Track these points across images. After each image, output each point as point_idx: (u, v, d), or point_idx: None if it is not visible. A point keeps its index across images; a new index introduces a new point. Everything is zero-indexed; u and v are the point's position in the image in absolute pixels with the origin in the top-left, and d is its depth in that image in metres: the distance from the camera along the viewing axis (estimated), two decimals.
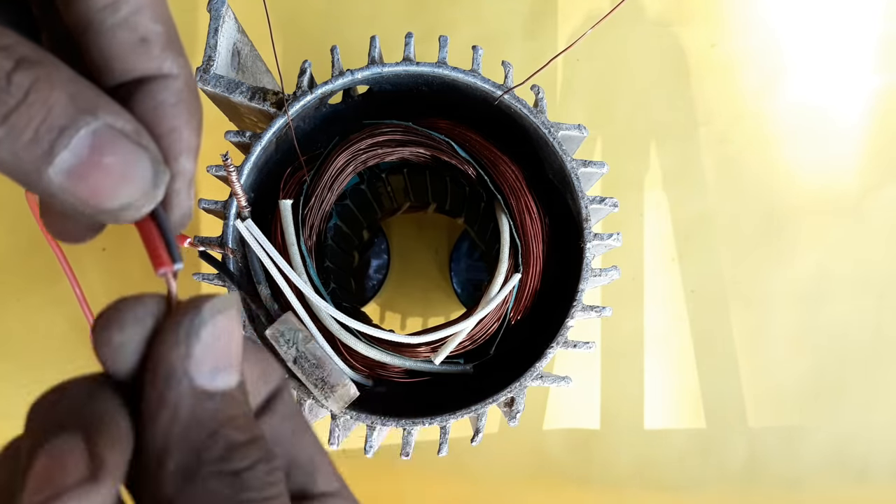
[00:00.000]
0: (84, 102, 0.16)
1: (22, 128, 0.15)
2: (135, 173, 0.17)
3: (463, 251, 0.55)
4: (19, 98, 0.15)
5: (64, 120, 0.16)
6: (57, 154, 0.16)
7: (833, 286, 0.57)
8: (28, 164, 0.16)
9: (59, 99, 0.16)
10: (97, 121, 0.16)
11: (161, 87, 0.18)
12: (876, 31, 0.59)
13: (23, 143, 0.15)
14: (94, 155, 0.16)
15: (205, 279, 0.36)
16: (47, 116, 0.15)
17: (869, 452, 0.56)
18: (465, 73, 0.36)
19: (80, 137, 0.16)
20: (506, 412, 0.36)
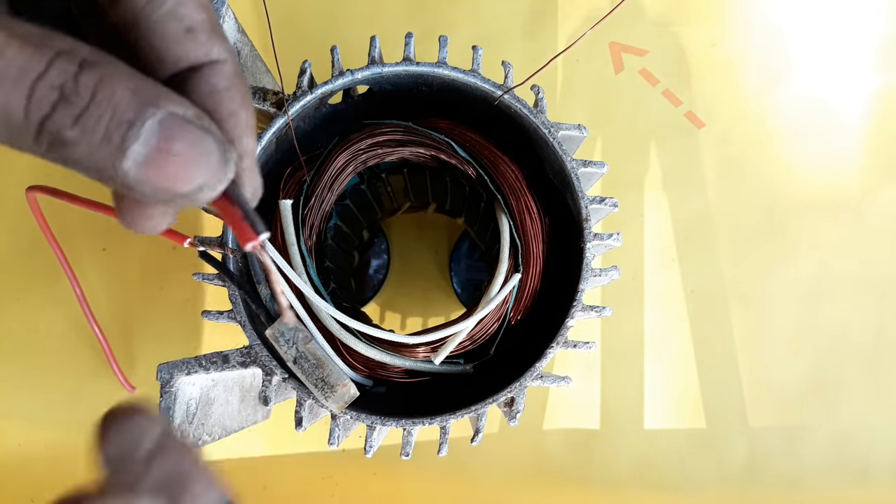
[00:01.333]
0: (146, 95, 0.17)
1: (93, 127, 0.16)
2: (204, 156, 0.17)
3: (463, 251, 0.55)
4: (87, 99, 0.16)
5: (131, 114, 0.16)
6: (129, 147, 0.16)
7: (833, 286, 0.57)
8: (103, 160, 0.17)
9: (123, 95, 0.16)
10: (161, 111, 0.17)
11: (213, 73, 0.19)
12: (877, 31, 0.59)
13: (95, 141, 0.16)
14: (164, 143, 0.17)
15: (205, 279, 0.36)
16: (115, 113, 0.16)
17: (869, 452, 0.56)
18: (465, 73, 0.36)
19: (147, 129, 0.16)
20: (506, 412, 0.36)
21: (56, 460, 0.54)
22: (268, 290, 0.36)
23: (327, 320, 0.35)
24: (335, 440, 0.35)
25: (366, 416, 0.34)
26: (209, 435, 0.38)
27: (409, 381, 0.37)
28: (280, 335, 0.33)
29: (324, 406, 0.34)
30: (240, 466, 0.54)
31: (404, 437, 0.35)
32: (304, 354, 0.33)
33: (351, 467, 0.54)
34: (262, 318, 0.34)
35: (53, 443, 0.55)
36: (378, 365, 0.36)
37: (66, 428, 0.55)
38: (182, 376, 0.34)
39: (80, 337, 0.55)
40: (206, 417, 0.38)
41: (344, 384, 0.33)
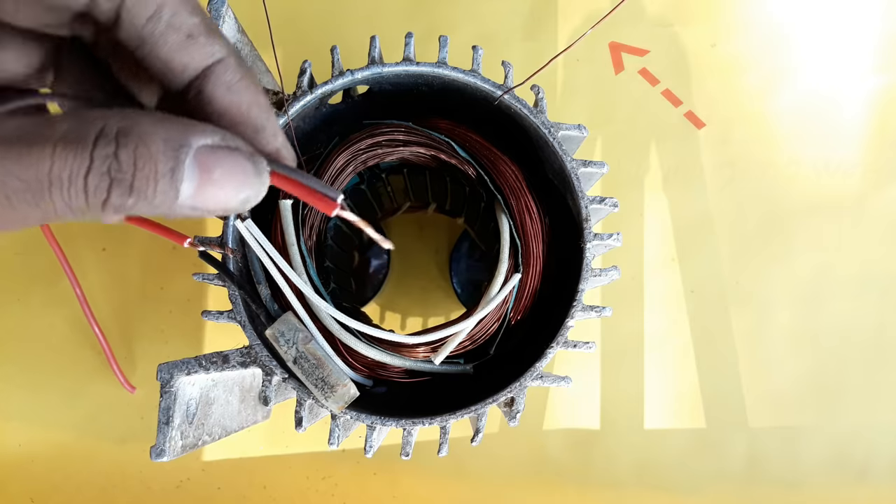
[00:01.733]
0: (177, 139, 0.19)
1: (145, 188, 0.18)
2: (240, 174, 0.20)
3: (463, 251, 0.55)
4: (133, 171, 0.18)
5: (171, 162, 0.18)
6: (179, 189, 0.19)
7: (833, 286, 0.57)
8: (162, 207, 0.19)
9: (158, 149, 0.18)
10: (193, 147, 0.19)
11: (222, 71, 0.21)
12: (876, 31, 0.59)
13: (151, 197, 0.19)
14: (205, 174, 0.19)
15: (205, 279, 0.36)
16: (157, 169, 0.18)
17: (869, 453, 0.56)
18: (465, 73, 0.36)
19: (188, 168, 0.19)
20: (506, 412, 0.36)
21: (56, 460, 0.54)
22: (267, 290, 0.36)
23: (327, 320, 0.35)
24: (335, 440, 0.35)
25: (366, 417, 0.34)
26: (209, 435, 0.38)
27: (409, 381, 0.37)
28: (280, 335, 0.33)
29: (324, 406, 0.34)
30: (240, 466, 0.54)
31: (404, 438, 0.35)
32: (304, 354, 0.33)
33: (351, 467, 0.54)
34: (262, 319, 0.34)
35: (54, 443, 0.55)
36: (378, 365, 0.36)
37: (67, 428, 0.55)
38: (182, 376, 0.34)
39: (81, 337, 0.55)
40: (206, 417, 0.38)
41: (344, 384, 0.33)
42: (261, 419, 0.47)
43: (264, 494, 0.54)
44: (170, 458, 0.33)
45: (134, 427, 0.54)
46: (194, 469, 0.54)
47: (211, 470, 0.54)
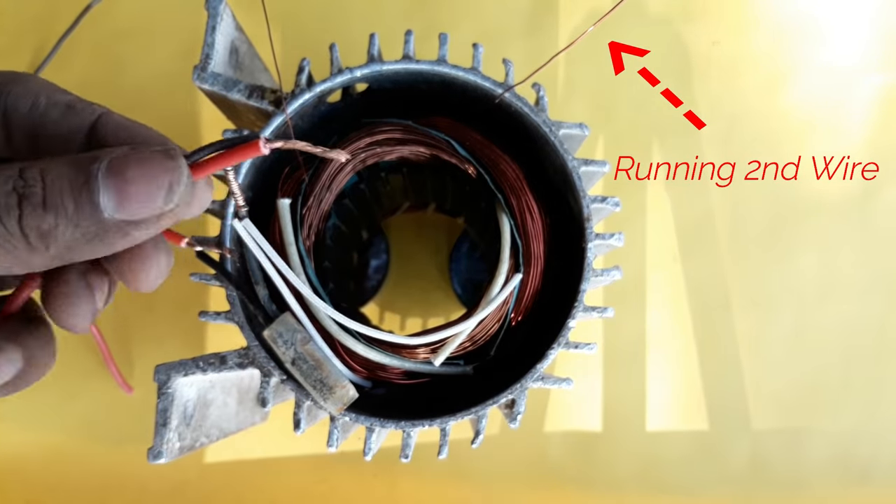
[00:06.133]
0: (84, 159, 0.19)
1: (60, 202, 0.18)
2: (155, 164, 0.20)
3: (463, 251, 0.55)
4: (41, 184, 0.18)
5: (82, 176, 0.19)
6: (98, 202, 0.19)
7: (837, 287, 0.56)
8: (91, 227, 0.19)
9: (67, 169, 0.19)
10: (103, 160, 0.19)
11: (108, 119, 0.22)
12: (880, 29, 0.59)
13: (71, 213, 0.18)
14: (120, 179, 0.19)
15: (202, 279, 0.36)
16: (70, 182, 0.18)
17: (872, 454, 0.55)
18: (465, 71, 0.36)
19: (101, 180, 0.19)
20: (506, 414, 0.36)
21: (53, 462, 0.54)
22: (265, 291, 0.36)
23: (326, 321, 0.35)
24: (334, 442, 0.34)
25: (365, 418, 0.34)
26: (207, 437, 0.38)
27: (408, 383, 0.37)
28: (278, 336, 0.33)
29: (322, 408, 0.33)
30: (238, 469, 0.54)
31: (404, 440, 0.35)
32: (302, 355, 0.33)
33: (350, 470, 0.54)
34: (259, 319, 0.34)
35: (50, 444, 0.54)
36: (377, 366, 0.36)
37: (64, 429, 0.54)
38: (179, 377, 0.34)
39: (78, 338, 0.54)
40: (203, 419, 0.37)
41: (343, 385, 0.33)
42: (259, 421, 0.46)
43: (262, 497, 0.54)
44: (167, 460, 0.33)
45: (131, 429, 0.54)
46: (192, 471, 0.54)
47: (209, 472, 0.54)
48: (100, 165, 0.19)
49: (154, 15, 0.58)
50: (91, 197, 0.18)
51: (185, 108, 0.56)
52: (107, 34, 0.57)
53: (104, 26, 0.57)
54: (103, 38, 0.57)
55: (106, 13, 0.57)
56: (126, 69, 0.57)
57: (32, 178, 0.18)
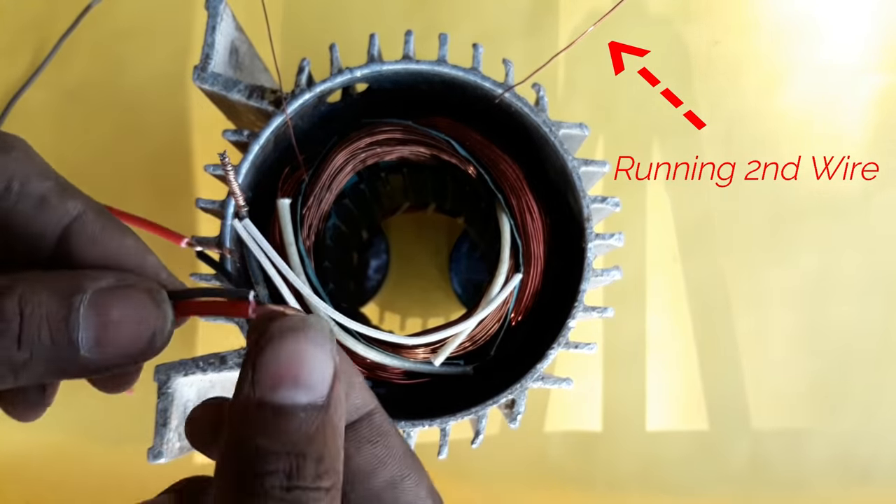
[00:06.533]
0: (68, 286, 0.18)
1: (36, 339, 0.17)
2: (141, 308, 0.19)
3: (463, 251, 0.55)
4: (17, 319, 0.17)
5: (64, 310, 0.17)
6: (77, 338, 0.17)
7: (837, 287, 0.56)
8: (64, 363, 0.18)
9: (48, 297, 0.17)
10: (87, 293, 0.18)
11: (80, 227, 0.20)
12: (880, 29, 0.59)
13: (46, 350, 0.17)
14: (103, 318, 0.18)
15: (202, 279, 0.36)
16: (48, 316, 0.17)
17: (873, 455, 0.55)
18: (465, 72, 0.36)
19: (83, 314, 0.18)
20: (506, 414, 0.36)
21: (52, 462, 0.54)
22: (265, 291, 0.36)
23: None
24: None
25: None
26: None
27: (408, 383, 0.37)
28: None
29: None
30: None
31: None
32: None
33: None
34: None
35: (50, 444, 0.54)
36: (377, 366, 0.36)
37: (63, 430, 0.54)
38: (179, 377, 0.34)
39: None
40: None
41: None
42: None
43: None
44: (167, 460, 0.33)
45: (131, 429, 0.54)
46: (192, 471, 0.54)
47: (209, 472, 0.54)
48: (83, 298, 0.18)
49: (154, 15, 0.58)
50: (69, 335, 0.17)
51: (185, 109, 0.56)
52: (107, 34, 0.57)
53: (104, 26, 0.57)
54: (103, 38, 0.57)
55: (106, 13, 0.57)
56: (126, 69, 0.57)
57: (11, 311, 0.17)
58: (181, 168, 0.56)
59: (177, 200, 0.55)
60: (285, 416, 0.16)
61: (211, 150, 0.33)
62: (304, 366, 0.17)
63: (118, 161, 0.56)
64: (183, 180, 0.56)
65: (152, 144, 0.56)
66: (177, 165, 0.56)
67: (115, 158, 0.56)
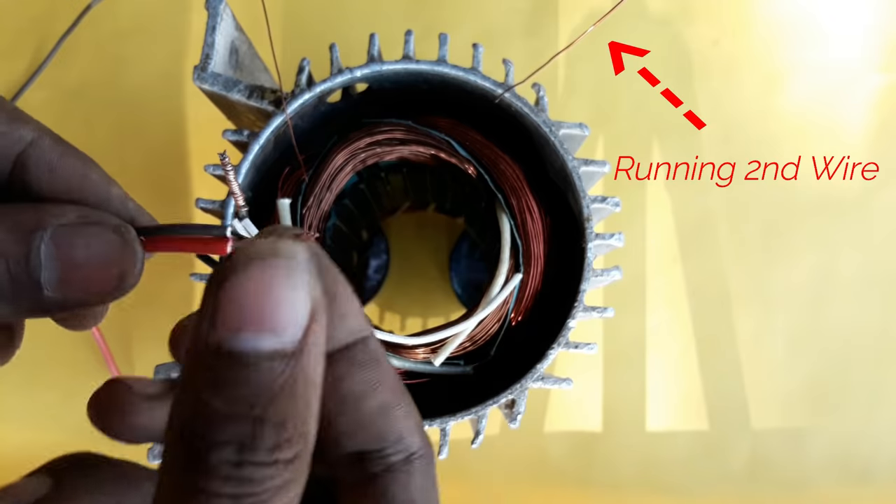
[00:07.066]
0: (27, 222, 0.16)
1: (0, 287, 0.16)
2: (105, 246, 0.17)
3: (463, 251, 0.55)
4: None
5: (23, 247, 0.16)
6: (39, 278, 0.16)
7: (837, 287, 0.56)
8: (28, 303, 0.17)
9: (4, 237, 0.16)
10: (47, 231, 0.16)
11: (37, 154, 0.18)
12: (880, 29, 0.59)
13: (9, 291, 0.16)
14: (66, 258, 0.17)
15: (202, 279, 0.36)
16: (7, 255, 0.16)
17: (873, 454, 0.55)
18: (465, 72, 0.36)
19: (44, 253, 0.16)
20: (506, 414, 0.36)
21: None
22: None
23: None
24: None
25: None
26: None
27: (408, 383, 0.37)
28: None
29: None
30: None
31: None
32: None
33: None
34: None
35: (50, 444, 0.54)
36: None
37: (63, 429, 0.54)
38: None
39: (78, 337, 0.54)
40: None
41: None
42: None
43: None
44: None
45: None
46: None
47: None
48: (43, 235, 0.16)
49: (154, 15, 0.58)
50: (31, 275, 0.16)
51: (184, 109, 0.56)
52: (107, 34, 0.57)
53: (104, 26, 0.57)
54: (103, 38, 0.57)
55: (106, 13, 0.57)
56: (126, 69, 0.57)
57: None
58: (181, 168, 0.56)
59: (177, 200, 0.55)
60: (244, 366, 0.13)
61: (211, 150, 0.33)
62: (268, 303, 0.13)
63: (118, 161, 0.56)
64: (183, 180, 0.56)
65: (152, 144, 0.56)
66: (177, 165, 0.56)
67: (115, 158, 0.56)
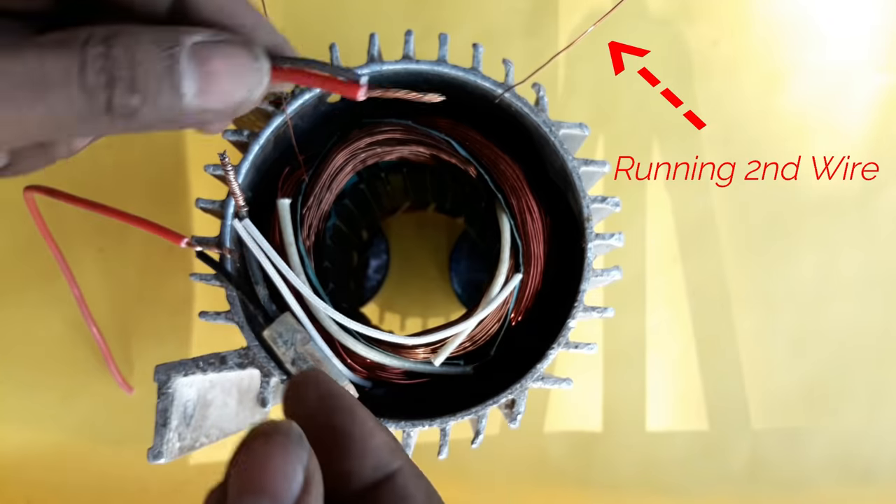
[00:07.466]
0: (167, 39, 0.19)
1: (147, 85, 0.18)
2: (239, 62, 0.20)
3: (463, 251, 0.55)
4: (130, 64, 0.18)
5: (167, 60, 0.18)
6: (181, 88, 0.19)
7: (837, 287, 0.56)
8: (169, 111, 0.19)
9: (151, 49, 0.18)
10: (185, 45, 0.19)
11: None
12: (880, 29, 0.59)
13: (154, 96, 0.18)
14: (203, 68, 0.19)
15: (202, 280, 0.36)
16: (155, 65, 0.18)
17: (873, 454, 0.55)
18: (465, 72, 0.36)
19: (186, 64, 0.19)
20: (506, 414, 0.36)
21: (53, 462, 0.54)
22: (265, 291, 0.36)
23: (326, 321, 0.34)
24: None
25: None
26: (206, 437, 0.38)
27: (408, 383, 0.37)
28: (278, 336, 0.33)
29: None
30: None
31: (403, 440, 0.34)
32: (302, 356, 0.33)
33: None
34: (260, 320, 0.34)
35: (50, 444, 0.54)
36: (377, 366, 0.36)
37: (63, 429, 0.54)
38: (179, 377, 0.34)
39: (78, 337, 0.54)
40: (203, 419, 0.37)
41: (342, 385, 0.33)
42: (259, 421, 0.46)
43: None
44: (167, 461, 0.33)
45: (131, 429, 0.54)
46: (192, 471, 0.54)
47: (209, 472, 0.54)
48: (182, 50, 0.19)
49: None
50: (176, 83, 0.19)
51: None
52: None
53: None
54: None
55: None
56: None
57: (122, 58, 0.18)
58: (181, 168, 0.56)
59: (177, 200, 0.55)
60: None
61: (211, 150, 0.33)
62: (266, 472, 0.16)
63: (118, 161, 0.56)
64: (183, 180, 0.56)
65: (152, 144, 0.56)
66: (177, 165, 0.56)
67: (115, 158, 0.56)
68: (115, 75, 0.18)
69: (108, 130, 0.19)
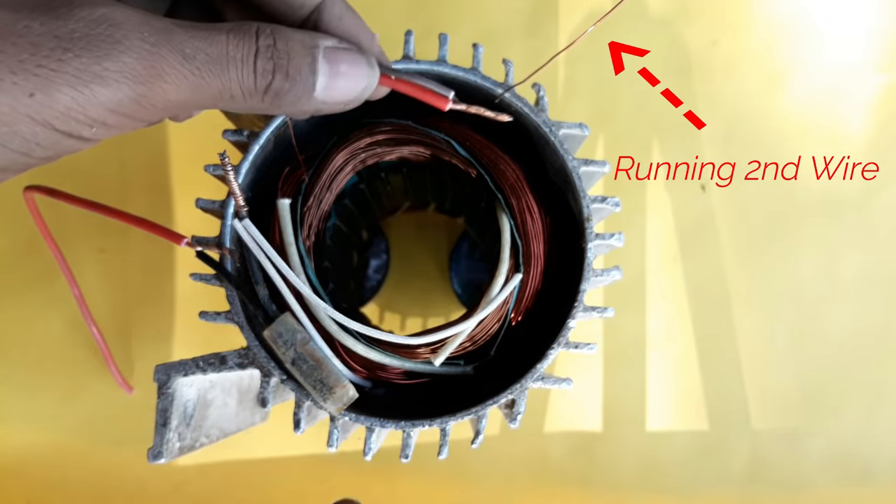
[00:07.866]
0: (309, 40, 0.23)
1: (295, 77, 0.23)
2: (358, 67, 0.25)
3: (463, 251, 0.55)
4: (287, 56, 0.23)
5: (309, 57, 0.23)
6: (316, 81, 0.23)
7: (837, 287, 0.56)
8: (303, 100, 0.23)
9: (299, 48, 0.23)
10: (321, 48, 0.23)
11: (332, 5, 0.26)
12: (880, 29, 0.59)
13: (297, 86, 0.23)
14: (333, 69, 0.24)
15: (202, 280, 0.36)
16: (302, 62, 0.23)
17: (872, 454, 0.55)
18: (465, 72, 0.36)
19: (321, 64, 0.23)
20: (506, 414, 0.36)
21: (53, 462, 0.54)
22: (265, 291, 0.36)
23: (326, 321, 0.34)
24: (334, 442, 0.34)
25: (365, 418, 0.34)
26: (207, 437, 0.38)
27: (408, 383, 0.37)
28: (278, 336, 0.33)
29: (322, 408, 0.33)
30: (237, 469, 0.54)
31: (404, 440, 0.34)
32: (302, 356, 0.33)
33: (350, 470, 0.54)
34: (260, 320, 0.34)
35: (51, 444, 0.54)
36: (377, 366, 0.36)
37: (64, 429, 0.54)
38: (179, 377, 0.34)
39: (78, 338, 0.54)
40: (203, 419, 0.37)
41: (342, 385, 0.33)
42: (258, 421, 0.46)
43: (262, 497, 0.54)
44: (167, 460, 0.33)
45: (131, 428, 0.54)
46: (192, 471, 0.54)
47: (208, 472, 0.54)
48: (320, 51, 0.23)
49: None
50: (313, 77, 0.23)
51: None
52: None
53: None
54: None
55: None
56: None
57: (283, 50, 0.23)
58: (181, 168, 0.56)
59: (177, 200, 0.55)
60: None
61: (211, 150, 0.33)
62: None
63: (118, 161, 0.56)
64: (183, 180, 0.56)
65: (152, 144, 0.56)
66: (177, 165, 0.56)
67: (115, 158, 0.56)
68: (277, 63, 0.22)
69: (255, 107, 0.23)
